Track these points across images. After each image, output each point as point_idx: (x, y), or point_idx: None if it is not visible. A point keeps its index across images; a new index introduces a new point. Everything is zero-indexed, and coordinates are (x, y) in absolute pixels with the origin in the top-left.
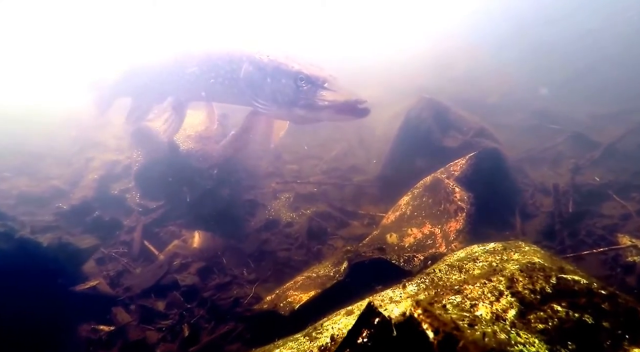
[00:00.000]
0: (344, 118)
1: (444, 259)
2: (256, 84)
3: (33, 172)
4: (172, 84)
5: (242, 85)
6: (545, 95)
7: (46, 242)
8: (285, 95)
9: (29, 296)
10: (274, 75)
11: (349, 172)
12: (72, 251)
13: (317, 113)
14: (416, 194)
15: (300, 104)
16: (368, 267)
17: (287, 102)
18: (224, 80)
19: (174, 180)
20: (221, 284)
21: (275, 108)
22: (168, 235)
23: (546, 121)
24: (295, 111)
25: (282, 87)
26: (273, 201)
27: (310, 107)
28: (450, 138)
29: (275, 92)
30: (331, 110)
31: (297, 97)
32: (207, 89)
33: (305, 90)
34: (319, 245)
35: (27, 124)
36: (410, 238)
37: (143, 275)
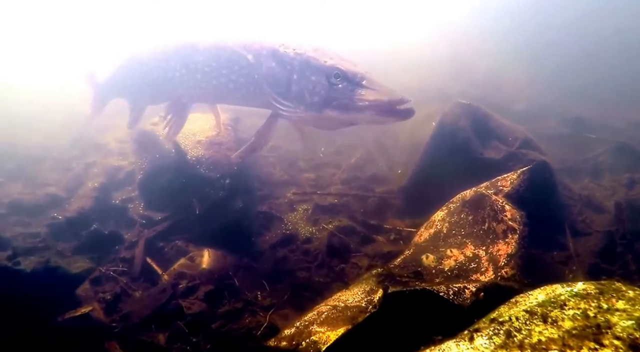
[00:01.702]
0: (385, 120)
1: (517, 302)
2: (280, 82)
3: (29, 177)
4: (173, 82)
5: (262, 83)
6: (576, 100)
7: (29, 268)
8: (316, 95)
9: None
10: (302, 72)
11: (370, 182)
12: (62, 276)
13: (354, 115)
14: (452, 210)
15: (335, 105)
16: (407, 298)
17: (317, 102)
18: (238, 78)
19: (182, 190)
20: (232, 312)
21: (301, 110)
22: (174, 251)
23: (581, 129)
24: (327, 113)
25: (312, 85)
26: (290, 213)
27: (347, 107)
28: (492, 149)
29: (303, 91)
30: (372, 111)
31: (331, 96)
32: (217, 88)
33: (340, 89)
34: (341, 264)
35: (25, 125)
36: (451, 261)
37: (143, 300)
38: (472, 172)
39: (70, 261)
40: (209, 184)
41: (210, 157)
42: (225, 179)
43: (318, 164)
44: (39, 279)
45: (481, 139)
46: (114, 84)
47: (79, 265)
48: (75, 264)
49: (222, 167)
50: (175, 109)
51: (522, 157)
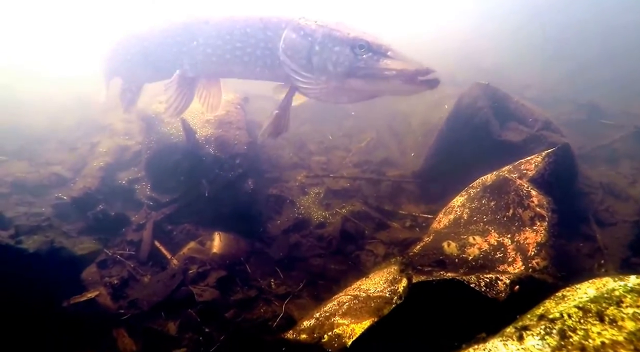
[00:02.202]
0: (411, 89)
1: (565, 296)
2: (300, 54)
3: (32, 157)
4: (180, 57)
5: (282, 55)
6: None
7: (33, 248)
8: (339, 65)
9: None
10: (325, 43)
11: (382, 166)
12: (67, 257)
13: (379, 84)
14: (473, 195)
15: (360, 74)
16: (435, 289)
17: (340, 73)
18: (254, 51)
19: (190, 170)
20: (245, 300)
21: (322, 81)
22: (183, 234)
23: (596, 116)
24: (349, 83)
25: (336, 55)
26: (302, 197)
27: (373, 77)
28: (511, 131)
29: (325, 63)
30: (399, 80)
31: (355, 66)
32: (229, 61)
33: (365, 59)
34: (356, 251)
35: (28, 108)
36: (474, 249)
37: (152, 285)
38: (490, 155)
39: (76, 242)
40: (219, 165)
41: (219, 136)
42: (235, 159)
43: (328, 147)
44: (43, 260)
45: (500, 121)
46: (111, 63)
47: (85, 246)
48: (81, 245)
49: (232, 147)
50: (181, 85)
51: (544, 140)
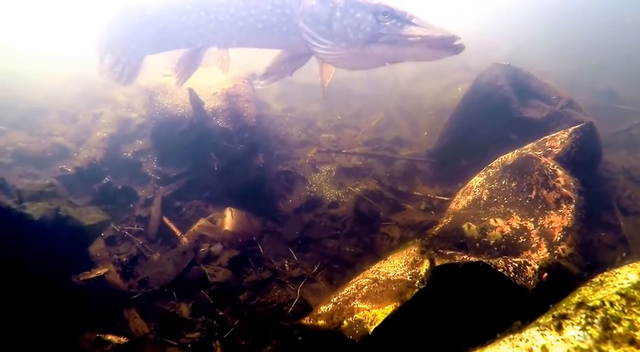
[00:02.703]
0: (436, 54)
1: (603, 282)
2: (320, 20)
3: (32, 127)
4: (188, 27)
5: (300, 22)
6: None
7: (37, 215)
8: (360, 32)
9: (11, 289)
10: (346, 9)
11: (394, 144)
12: (73, 228)
13: (402, 50)
14: (492, 175)
15: (382, 40)
16: (459, 272)
17: (361, 39)
18: (270, 18)
19: (198, 143)
20: (259, 282)
21: (342, 47)
22: (192, 211)
23: (613, 101)
24: (370, 49)
25: (357, 22)
26: (313, 175)
27: (396, 43)
28: (532, 108)
29: (346, 29)
30: (423, 45)
31: (377, 32)
32: (243, 29)
33: (388, 26)
34: (371, 233)
35: (27, 80)
36: (496, 232)
37: (163, 264)
38: (510, 133)
39: (83, 212)
40: (227, 138)
41: (227, 109)
42: (244, 132)
43: (337, 125)
44: (48, 229)
45: (521, 100)
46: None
47: (93, 216)
48: (88, 215)
49: (241, 120)
50: (188, 54)
51: (567, 118)
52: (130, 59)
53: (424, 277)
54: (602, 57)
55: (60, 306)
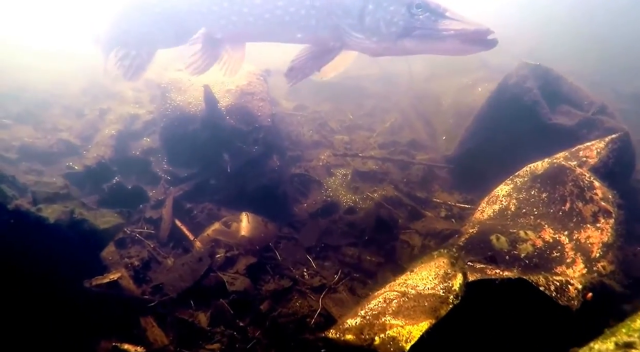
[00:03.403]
0: (469, 49)
1: None
2: (351, 13)
3: (37, 122)
4: (208, 18)
5: (331, 14)
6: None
7: (53, 218)
8: (393, 25)
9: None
10: (379, 2)
11: (410, 148)
12: (88, 231)
13: (435, 44)
14: (520, 184)
15: (415, 34)
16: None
17: (394, 32)
18: (298, 10)
19: (210, 142)
20: (279, 292)
21: (373, 41)
22: (204, 214)
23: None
24: (403, 43)
25: (390, 15)
26: (328, 178)
27: (429, 37)
28: (563, 114)
29: (378, 22)
30: (457, 40)
31: (411, 26)
32: (268, 22)
33: (422, 19)
34: (391, 241)
35: (32, 70)
36: (527, 245)
37: (178, 269)
38: (538, 140)
39: (97, 215)
40: (241, 138)
41: (241, 107)
42: (259, 132)
43: (350, 126)
44: (63, 232)
45: (550, 104)
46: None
47: (107, 219)
48: (103, 218)
49: (255, 119)
50: (207, 45)
51: (599, 125)
52: (141, 53)
53: (457, 292)
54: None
55: (75, 312)
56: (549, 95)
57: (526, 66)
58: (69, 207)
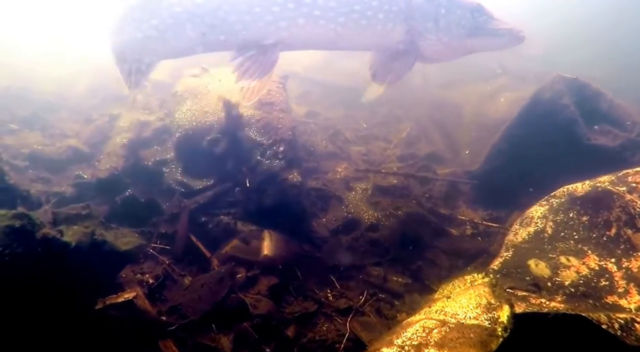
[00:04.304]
0: (513, 44)
1: None
2: (428, 17)
3: (45, 126)
4: (262, 19)
5: (408, 18)
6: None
7: (74, 241)
8: (461, 27)
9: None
10: (449, 7)
11: (429, 161)
12: (108, 252)
13: (492, 41)
14: (556, 206)
15: (478, 34)
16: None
17: (462, 33)
18: (376, 14)
19: (227, 155)
20: (304, 315)
21: (445, 42)
22: (220, 229)
23: None
24: (468, 42)
25: (459, 18)
26: (348, 193)
27: (489, 35)
28: (602, 134)
29: (450, 24)
30: (507, 37)
31: (475, 27)
32: (342, 26)
33: (481, 22)
34: (416, 260)
35: (38, 71)
36: (570, 272)
37: (196, 290)
38: (574, 161)
39: (117, 234)
40: (261, 151)
41: (261, 118)
42: (279, 145)
43: (365, 135)
44: (84, 255)
45: (588, 122)
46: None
47: (128, 240)
48: (124, 238)
49: (276, 131)
50: (261, 53)
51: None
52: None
53: (506, 324)
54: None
55: (91, 334)
56: (587, 113)
57: (562, 80)
58: (90, 227)
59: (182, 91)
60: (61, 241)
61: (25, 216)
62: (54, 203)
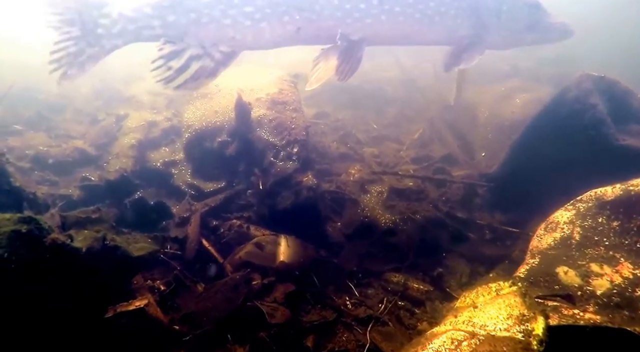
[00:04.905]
0: (564, 38)
1: None
2: (492, 13)
3: (50, 127)
4: (345, 15)
5: (474, 14)
6: None
7: (84, 246)
8: (521, 22)
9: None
10: (510, 4)
11: (444, 163)
12: (121, 258)
13: (548, 34)
14: (583, 211)
15: (536, 27)
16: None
17: (522, 28)
18: (448, 10)
19: (240, 157)
20: (323, 324)
21: (505, 35)
22: (232, 232)
23: None
24: (527, 35)
25: (519, 13)
26: (363, 196)
27: (546, 30)
28: (633, 135)
29: (510, 20)
30: (561, 32)
31: (533, 22)
32: (418, 21)
33: (538, 16)
34: (435, 266)
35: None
36: (603, 280)
37: (210, 297)
38: (602, 163)
39: (129, 240)
40: (274, 152)
41: (273, 118)
42: (292, 146)
43: (376, 136)
44: (95, 261)
45: (617, 123)
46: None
47: (141, 246)
48: (136, 244)
49: (289, 132)
50: (347, 49)
51: None
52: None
53: (541, 337)
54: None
55: (100, 343)
56: (616, 113)
57: (588, 78)
58: (101, 232)
59: (193, 90)
60: (71, 247)
61: (32, 220)
62: (61, 206)
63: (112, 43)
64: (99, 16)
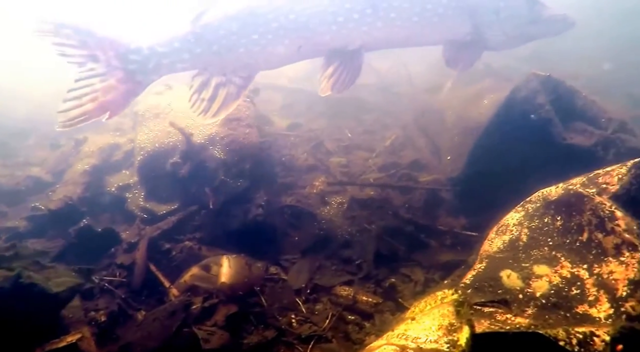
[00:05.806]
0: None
1: None
2: (489, 10)
3: (10, 154)
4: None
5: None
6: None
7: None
8: (522, 18)
9: None
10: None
11: (412, 169)
12: (38, 295)
13: (550, 27)
14: (531, 211)
15: (537, 22)
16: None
17: (522, 23)
18: (445, 11)
19: (192, 176)
20: (262, 345)
21: (504, 32)
22: (184, 255)
23: None
24: (528, 30)
25: (517, 9)
26: (322, 208)
27: (546, 22)
28: (578, 133)
29: (509, 16)
30: (562, 24)
31: (532, 16)
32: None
33: (537, 11)
34: (390, 275)
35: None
36: (542, 282)
37: (147, 325)
38: (551, 162)
39: (51, 274)
40: (225, 170)
41: (226, 136)
42: (244, 163)
43: (348, 146)
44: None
45: (563, 120)
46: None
47: (62, 280)
48: (57, 279)
49: (241, 149)
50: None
51: (620, 144)
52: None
53: (463, 347)
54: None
55: None
56: (562, 111)
57: (535, 78)
58: (16, 269)
59: (144, 110)
60: None
61: None
62: (6, 239)
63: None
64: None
